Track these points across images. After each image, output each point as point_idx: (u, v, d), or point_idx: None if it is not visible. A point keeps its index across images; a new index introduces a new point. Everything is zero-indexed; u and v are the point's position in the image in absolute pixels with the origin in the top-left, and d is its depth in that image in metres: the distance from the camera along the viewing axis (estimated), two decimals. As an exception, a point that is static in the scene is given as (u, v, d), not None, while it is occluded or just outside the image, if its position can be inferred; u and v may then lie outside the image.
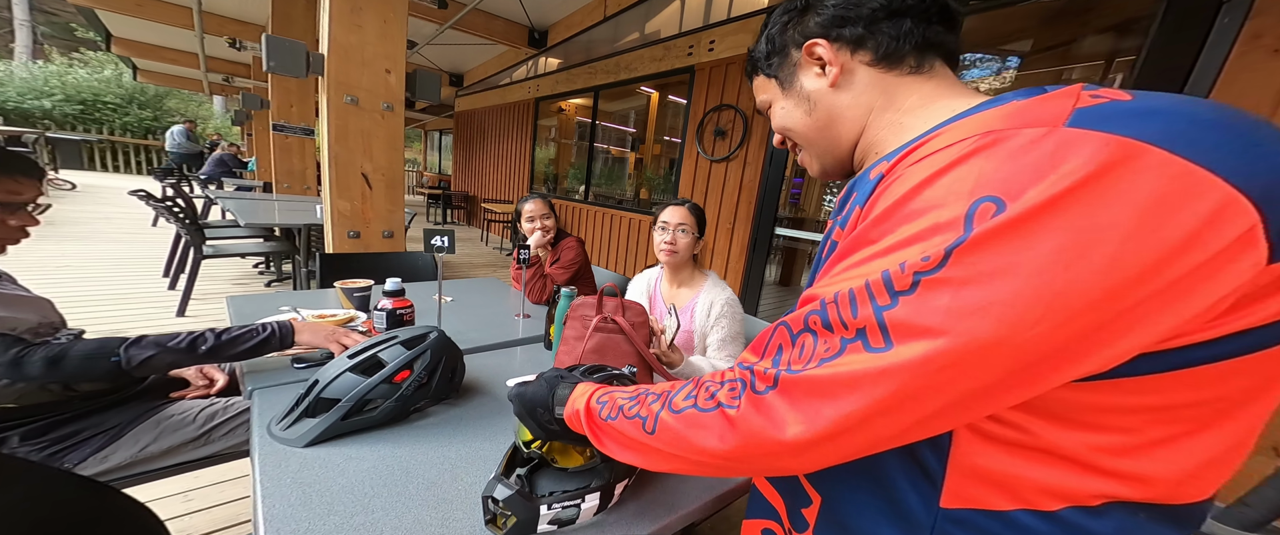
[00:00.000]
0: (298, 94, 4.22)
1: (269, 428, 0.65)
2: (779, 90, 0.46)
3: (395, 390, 0.67)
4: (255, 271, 3.59)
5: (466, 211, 7.55)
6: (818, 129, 0.44)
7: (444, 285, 1.59)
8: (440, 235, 0.99)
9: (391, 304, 0.90)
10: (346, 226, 1.99)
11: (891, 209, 0.28)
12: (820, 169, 0.48)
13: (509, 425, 0.73)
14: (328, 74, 1.76)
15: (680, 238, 1.09)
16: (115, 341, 0.68)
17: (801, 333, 0.30)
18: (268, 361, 0.86)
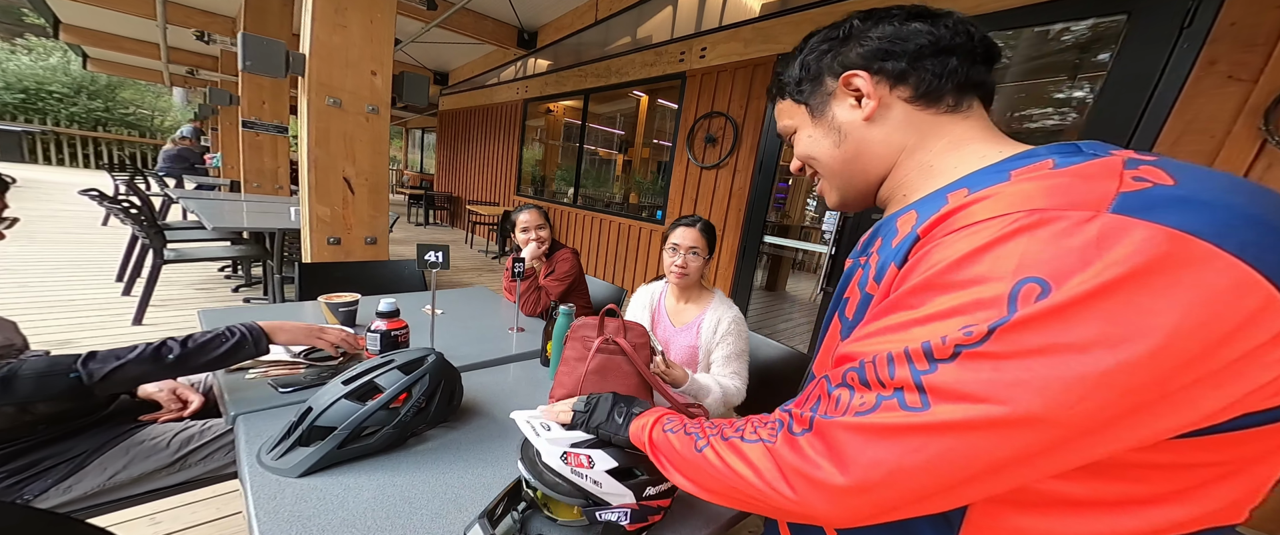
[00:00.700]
0: (271, 90, 4.04)
1: (259, 457, 0.62)
2: (808, 117, 0.45)
3: (393, 416, 0.64)
4: (221, 276, 3.40)
5: (450, 212, 7.38)
6: (844, 161, 0.43)
7: (426, 296, 1.54)
8: (434, 250, 0.96)
9: (386, 325, 0.86)
10: (326, 232, 1.91)
11: (933, 279, 0.28)
12: (839, 201, 0.47)
13: (508, 449, 0.71)
14: (309, 75, 1.69)
15: (691, 261, 1.07)
16: (70, 357, 0.62)
17: (839, 387, 0.31)
18: (250, 385, 0.81)
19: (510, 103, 5.49)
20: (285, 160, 4.36)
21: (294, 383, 0.81)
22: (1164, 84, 1.45)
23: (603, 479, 0.49)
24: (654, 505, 0.53)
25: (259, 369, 0.86)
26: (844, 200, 0.47)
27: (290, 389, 0.80)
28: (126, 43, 6.34)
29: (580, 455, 0.50)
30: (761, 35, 2.68)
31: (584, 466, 0.49)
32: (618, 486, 0.49)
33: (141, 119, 12.37)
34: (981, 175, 0.34)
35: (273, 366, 0.88)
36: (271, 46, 1.61)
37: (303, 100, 1.77)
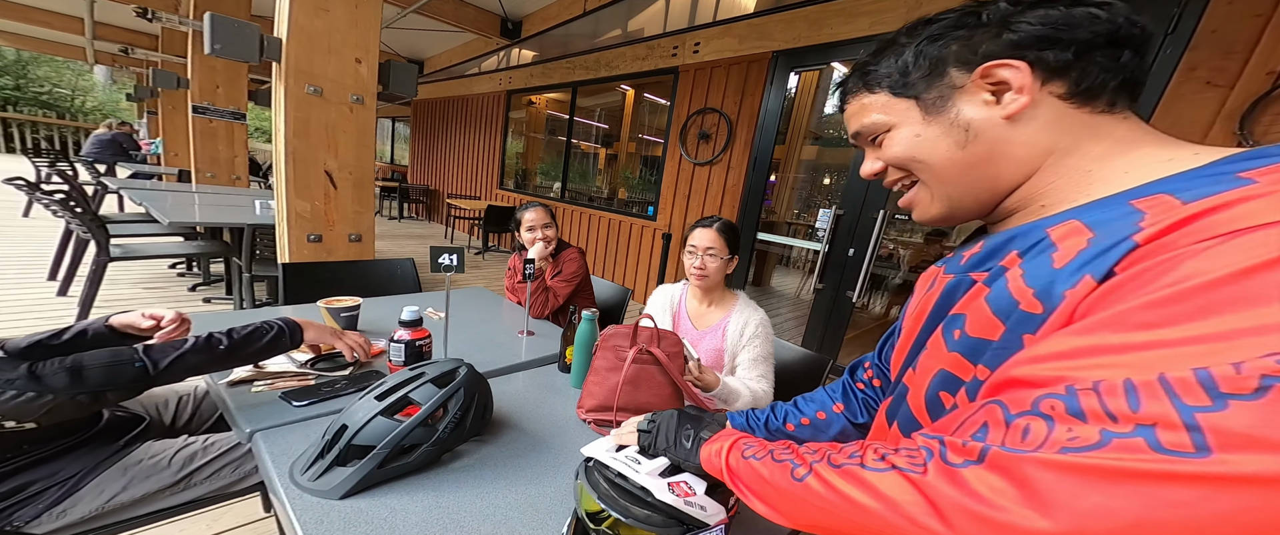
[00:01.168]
0: (225, 74, 3.74)
1: (293, 477, 0.59)
2: (917, 114, 0.39)
3: (431, 433, 0.61)
4: (171, 274, 3.11)
5: (427, 206, 7.10)
6: (967, 166, 0.38)
7: (431, 297, 1.47)
8: (449, 253, 0.90)
9: (410, 335, 0.81)
10: (306, 229, 1.78)
11: (1193, 293, 0.23)
12: (945, 211, 0.41)
13: (548, 464, 0.69)
14: (286, 61, 1.56)
15: (709, 262, 1.06)
16: (128, 349, 0.63)
17: (1025, 415, 0.26)
18: (257, 398, 0.76)
19: (492, 94, 5.30)
20: (243, 149, 4.05)
21: (308, 396, 0.76)
22: (1146, 88, 1.54)
23: (707, 503, 0.47)
24: (733, 512, 0.52)
25: (264, 380, 0.80)
26: (952, 211, 0.41)
27: (304, 402, 0.75)
28: (40, 15, 5.67)
29: (681, 483, 0.48)
30: (756, 31, 2.67)
31: (690, 494, 0.47)
32: (716, 505, 0.48)
33: (59, 99, 11.13)
34: (1189, 180, 0.29)
35: (278, 379, 0.82)
36: (244, 30, 1.47)
37: (278, 88, 1.64)
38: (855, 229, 2.33)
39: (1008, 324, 0.33)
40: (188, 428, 0.90)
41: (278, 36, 1.57)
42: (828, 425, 0.64)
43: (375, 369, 0.91)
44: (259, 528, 1.15)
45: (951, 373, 0.37)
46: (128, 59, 7.13)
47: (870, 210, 2.26)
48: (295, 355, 0.89)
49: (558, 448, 0.74)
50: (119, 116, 9.32)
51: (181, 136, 5.19)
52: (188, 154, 4.12)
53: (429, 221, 6.98)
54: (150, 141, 6.97)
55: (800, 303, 3.72)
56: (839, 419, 0.63)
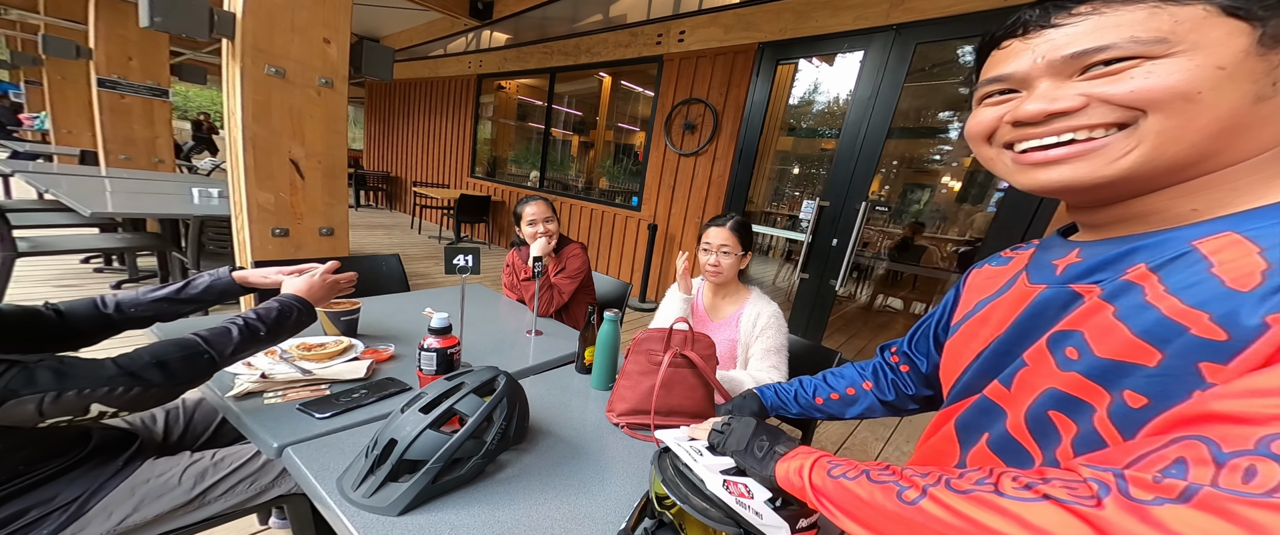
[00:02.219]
0: (140, 44, 3.28)
1: (345, 493, 0.57)
2: (1241, 45, 0.28)
3: (480, 445, 0.60)
4: (86, 269, 2.72)
5: (387, 194, 6.66)
6: (1235, 127, 0.29)
7: (426, 296, 1.39)
8: (464, 255, 0.86)
9: (440, 344, 0.77)
10: (270, 223, 1.63)
11: None
12: (1128, 174, 0.32)
13: (590, 473, 0.68)
14: (241, 38, 1.39)
15: (724, 260, 1.09)
16: (191, 340, 0.63)
17: (1246, 455, 0.23)
18: (271, 410, 0.72)
19: (461, 77, 5.00)
20: (166, 130, 3.61)
21: (327, 407, 0.73)
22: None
23: (764, 511, 0.47)
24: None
25: (275, 391, 0.75)
26: (1136, 176, 0.32)
27: (326, 414, 0.72)
28: None
29: (738, 484, 0.48)
30: (742, 22, 2.67)
31: (745, 496, 0.47)
32: (776, 518, 0.47)
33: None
34: None
35: (290, 388, 0.77)
36: (191, 1, 1.29)
37: (231, 67, 1.46)
38: (838, 220, 2.43)
39: (1169, 350, 0.29)
40: (182, 442, 0.83)
41: (230, 11, 1.39)
42: (856, 400, 0.66)
43: (389, 376, 0.86)
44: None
45: (1070, 394, 0.34)
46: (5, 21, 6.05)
47: (853, 202, 2.36)
48: (303, 364, 0.82)
49: (597, 454, 0.73)
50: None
51: (77, 112, 4.52)
52: (91, 132, 3.61)
53: (392, 210, 6.57)
54: (35, 116, 6.00)
55: (778, 291, 3.86)
56: (867, 396, 0.66)
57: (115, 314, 0.74)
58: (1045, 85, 0.34)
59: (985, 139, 0.39)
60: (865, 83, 2.28)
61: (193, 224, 2.14)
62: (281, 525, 1.11)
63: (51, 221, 2.47)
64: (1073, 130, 0.33)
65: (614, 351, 0.93)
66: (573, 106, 4.86)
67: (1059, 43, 0.33)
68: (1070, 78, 0.33)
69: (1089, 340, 0.33)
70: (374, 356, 0.90)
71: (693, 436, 0.55)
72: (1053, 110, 0.33)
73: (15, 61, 5.29)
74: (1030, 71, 0.35)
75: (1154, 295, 0.31)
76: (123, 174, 3.06)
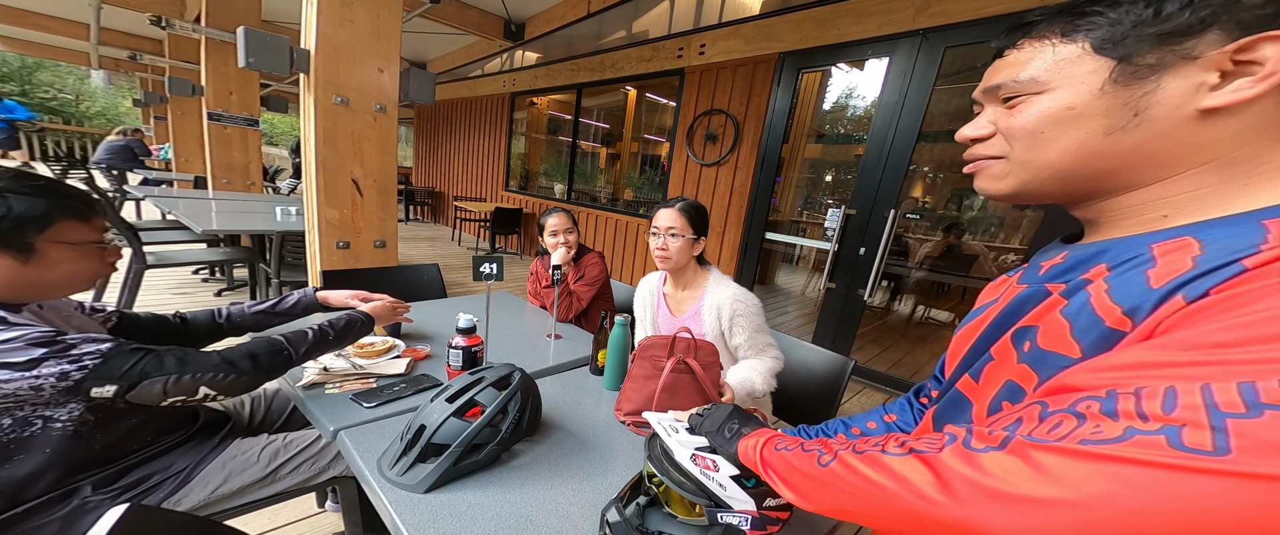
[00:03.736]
0: (239, 81, 3.77)
1: (383, 472, 0.65)
2: (1096, 83, 0.32)
3: (495, 433, 0.68)
4: (196, 279, 3.19)
5: (432, 208, 7.14)
6: (1093, 155, 0.33)
7: (459, 302, 1.51)
8: (490, 262, 0.95)
9: (465, 342, 0.88)
10: (335, 236, 1.83)
11: (1268, 320, 0.23)
12: (1014, 191, 0.37)
13: (596, 463, 0.74)
14: (314, 72, 1.60)
15: (671, 242, 1.04)
16: (275, 340, 0.75)
17: (1059, 412, 0.26)
18: (329, 398, 0.84)
19: (496, 96, 5.32)
20: (257, 155, 4.10)
21: (374, 397, 0.84)
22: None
23: (727, 484, 0.51)
24: (773, 516, 0.56)
25: (334, 383, 0.87)
26: (1022, 193, 0.36)
27: (374, 403, 0.82)
28: (44, 20, 5.69)
29: (706, 458, 0.53)
30: (763, 32, 2.70)
31: (710, 469, 0.52)
32: (740, 493, 0.52)
33: (63, 104, 11.15)
34: None
35: (345, 380, 0.89)
36: (276, 42, 1.51)
37: (306, 98, 1.67)
38: (866, 228, 2.37)
39: (1086, 342, 0.32)
40: (263, 426, 0.98)
41: (305, 48, 1.60)
42: (876, 432, 0.63)
43: (423, 372, 0.97)
44: (312, 524, 1.20)
45: (1017, 384, 0.36)
46: (133, 65, 7.13)
47: (881, 210, 2.30)
48: (356, 359, 0.95)
49: (603, 447, 0.79)
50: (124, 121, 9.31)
51: (193, 142, 5.25)
52: (201, 160, 4.17)
53: (435, 224, 7.02)
54: (159, 147, 7.00)
55: (806, 300, 3.77)
56: (888, 426, 0.63)
57: (226, 324, 0.91)
58: (988, 110, 0.39)
59: None
60: (892, 88, 2.23)
61: (275, 238, 2.43)
62: (335, 509, 1.24)
63: (171, 238, 2.90)
64: (980, 157, 0.39)
65: (624, 354, 0.98)
66: (600, 119, 5.04)
67: (990, 74, 0.38)
68: (999, 105, 0.38)
69: (1039, 333, 0.35)
70: (413, 355, 1.01)
71: (677, 419, 0.60)
72: (972, 135, 0.39)
73: (147, 100, 6.23)
74: (982, 97, 0.40)
75: (1096, 293, 0.33)
76: (224, 196, 3.54)
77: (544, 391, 0.95)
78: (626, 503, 0.59)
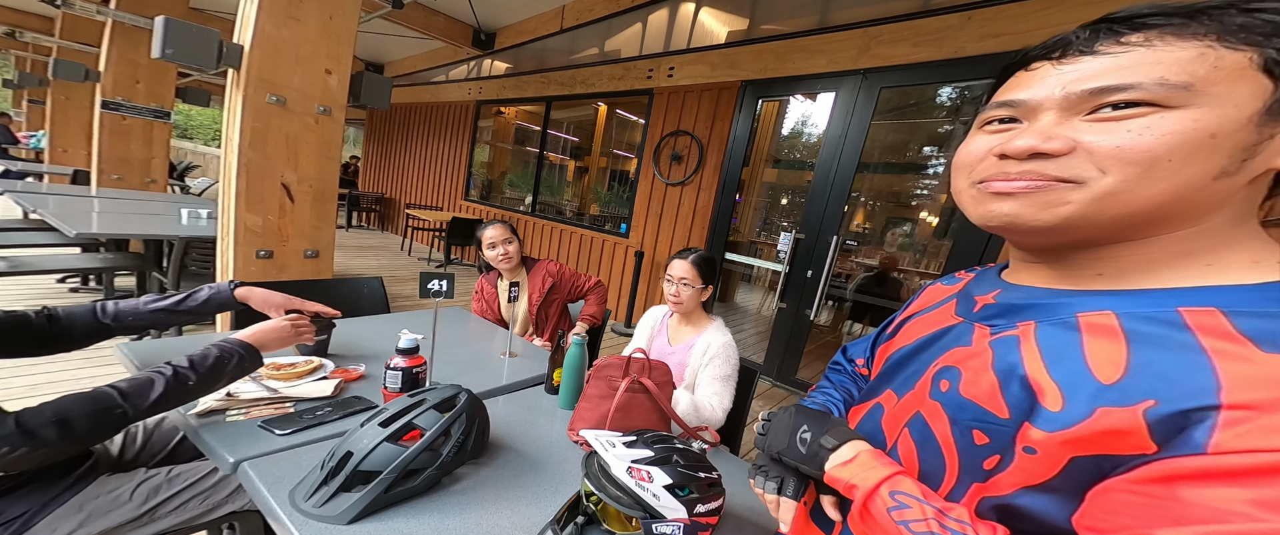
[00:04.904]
0: (150, 69, 3.39)
1: (296, 504, 0.59)
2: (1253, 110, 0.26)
3: (436, 457, 0.64)
4: (63, 288, 2.69)
5: (380, 215, 6.71)
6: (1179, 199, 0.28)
7: (404, 318, 1.42)
8: (439, 279, 0.91)
9: (407, 363, 0.81)
10: (256, 245, 1.66)
11: None
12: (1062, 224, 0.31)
13: (546, 485, 0.72)
14: (247, 69, 1.48)
15: (683, 291, 1.17)
16: (106, 393, 0.60)
17: None
18: (232, 426, 0.73)
19: (461, 103, 5.19)
20: (164, 150, 3.67)
21: (290, 424, 0.74)
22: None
23: (661, 494, 0.53)
24: (703, 522, 0.58)
25: (238, 409, 0.77)
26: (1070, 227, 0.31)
27: (289, 430, 0.73)
28: None
29: (642, 470, 0.54)
30: (727, 61, 2.86)
31: (645, 480, 0.53)
32: (673, 501, 0.54)
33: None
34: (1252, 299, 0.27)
35: (253, 406, 0.78)
36: (202, 35, 1.38)
37: (234, 95, 1.54)
38: (813, 252, 2.52)
39: (1016, 409, 0.31)
40: (138, 459, 0.83)
41: (239, 43, 1.48)
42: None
43: (356, 395, 0.88)
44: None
45: (926, 419, 0.37)
46: (9, 41, 6.17)
47: (826, 236, 2.46)
48: (270, 383, 0.85)
49: (553, 468, 0.76)
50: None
51: (76, 132, 4.61)
52: (87, 152, 3.66)
53: (383, 231, 6.60)
54: (30, 135, 6.07)
55: (762, 319, 3.91)
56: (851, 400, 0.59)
57: (112, 323, 0.76)
58: (1048, 118, 0.31)
59: (968, 169, 0.36)
60: (837, 122, 2.43)
61: (177, 244, 2.13)
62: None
63: (34, 241, 2.47)
64: (1041, 178, 0.31)
65: (580, 373, 0.96)
66: (571, 132, 5.04)
67: (1087, 73, 0.30)
68: (1076, 115, 0.30)
69: (963, 380, 0.35)
70: (343, 376, 0.92)
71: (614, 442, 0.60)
72: (1041, 149, 0.30)
73: (21, 82, 5.40)
74: (1044, 101, 0.31)
75: (1027, 354, 0.32)
76: (113, 194, 3.09)
77: (496, 411, 0.92)
78: (564, 523, 0.59)
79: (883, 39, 2.22)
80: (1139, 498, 0.26)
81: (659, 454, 0.58)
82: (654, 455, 0.57)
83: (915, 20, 2.11)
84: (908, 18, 2.13)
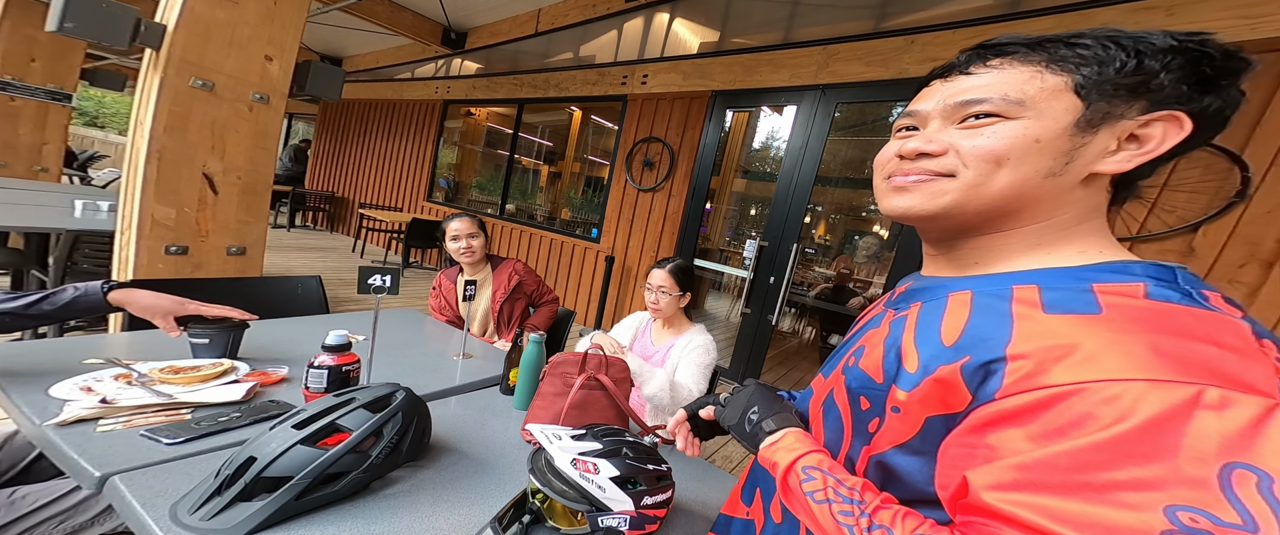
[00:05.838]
0: (52, 47, 3.05)
1: (177, 517, 0.51)
2: (1068, 122, 0.32)
3: (363, 459, 0.57)
4: None
5: (329, 215, 6.24)
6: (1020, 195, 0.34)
7: (345, 319, 1.31)
8: (382, 275, 0.84)
9: (335, 361, 0.73)
10: (166, 239, 1.49)
11: (1113, 443, 0.25)
12: (944, 211, 0.36)
13: (493, 484, 0.67)
14: (168, 49, 1.35)
15: (662, 298, 1.21)
16: None
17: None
18: (104, 439, 0.62)
19: (427, 101, 5.01)
20: (60, 137, 3.26)
21: (182, 432, 0.64)
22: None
23: (606, 485, 0.52)
24: (651, 514, 0.56)
25: (115, 418, 0.65)
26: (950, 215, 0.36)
27: (180, 439, 0.63)
28: None
29: (587, 462, 0.53)
30: (698, 70, 2.93)
31: (590, 472, 0.52)
32: (619, 493, 0.53)
33: None
34: (1061, 278, 0.32)
35: (138, 414, 0.67)
36: (115, 11, 1.24)
37: (151, 77, 1.39)
38: (775, 259, 2.59)
39: (887, 372, 0.36)
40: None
41: (161, 22, 1.35)
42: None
43: (275, 398, 0.79)
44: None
45: (832, 391, 0.42)
46: None
47: (787, 243, 2.54)
48: (164, 387, 0.73)
49: (502, 469, 0.72)
50: None
51: None
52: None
53: (333, 232, 6.18)
54: None
55: (730, 325, 3.97)
56: None
57: None
58: (934, 126, 0.38)
59: (881, 167, 0.42)
60: (798, 134, 2.54)
61: (65, 238, 1.84)
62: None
63: None
64: (926, 172, 0.37)
65: (536, 372, 0.92)
66: (544, 137, 4.97)
67: (959, 90, 0.37)
68: (952, 123, 0.37)
69: (864, 352, 0.40)
70: (260, 379, 0.82)
71: (561, 435, 0.58)
72: (924, 150, 0.37)
73: None
74: (931, 112, 0.38)
75: (907, 328, 0.37)
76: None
77: (447, 413, 0.87)
78: (508, 522, 0.55)
79: (840, 56, 2.35)
80: (962, 448, 0.31)
81: (608, 447, 0.55)
82: (602, 448, 0.55)
83: (868, 41, 2.26)
84: (861, 38, 2.28)
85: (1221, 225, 1.57)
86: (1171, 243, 1.65)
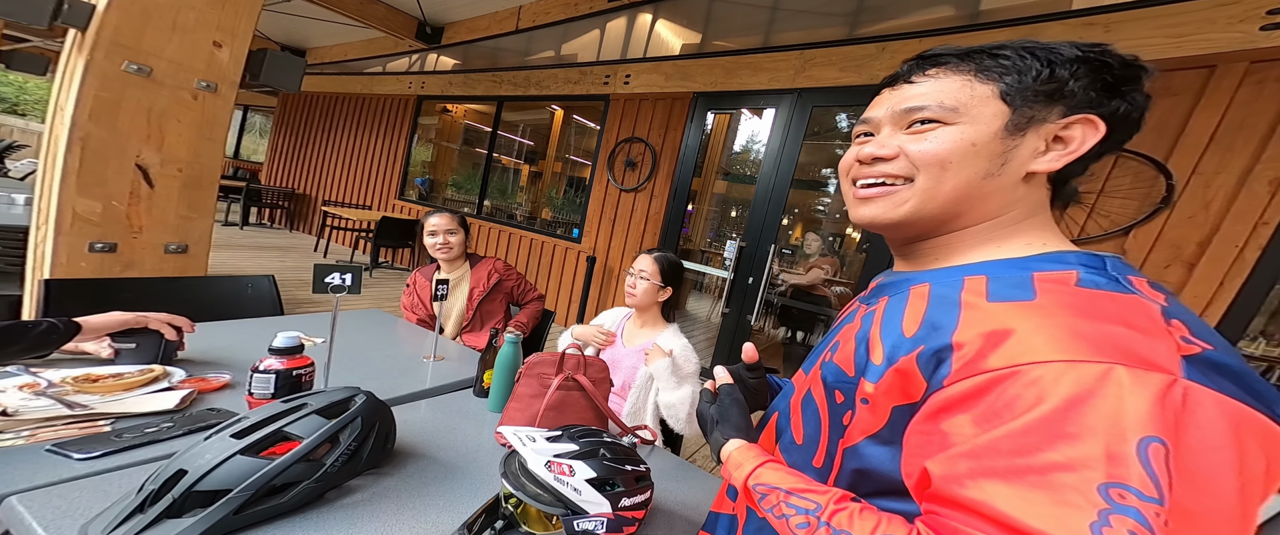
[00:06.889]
0: None
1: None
2: (997, 126, 0.35)
3: (316, 468, 0.52)
4: None
5: (288, 212, 5.89)
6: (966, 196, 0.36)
7: (300, 321, 1.22)
8: (341, 273, 0.77)
9: (283, 365, 0.66)
10: (91, 235, 1.35)
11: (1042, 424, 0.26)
12: (906, 219, 0.39)
13: (464, 489, 0.63)
14: (97, 30, 1.23)
15: (639, 283, 1.14)
16: None
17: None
18: (11, 455, 0.54)
19: (399, 97, 4.82)
20: None
21: (97, 446, 0.56)
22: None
23: (582, 488, 0.50)
24: (629, 516, 0.54)
25: (17, 431, 0.57)
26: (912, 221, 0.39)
27: (94, 453, 0.56)
28: None
29: (562, 464, 0.51)
30: (680, 72, 2.93)
31: (566, 474, 0.50)
32: (596, 495, 0.51)
33: None
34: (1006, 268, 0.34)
35: (45, 427, 0.58)
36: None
37: (76, 59, 1.27)
38: (754, 259, 2.62)
39: (857, 365, 0.37)
40: None
41: (89, 2, 1.23)
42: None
43: (214, 406, 0.71)
44: None
45: (811, 390, 0.43)
46: None
47: (765, 244, 2.58)
48: (80, 397, 0.65)
49: (474, 474, 0.67)
50: None
51: None
52: None
53: (293, 231, 5.84)
54: None
55: (711, 325, 3.99)
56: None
57: None
58: (885, 132, 0.41)
59: (846, 172, 0.44)
60: (776, 137, 2.58)
61: None
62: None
63: None
64: (886, 176, 0.40)
65: (512, 374, 0.87)
66: (526, 136, 4.87)
67: (904, 97, 0.39)
68: (901, 128, 0.39)
69: (839, 348, 0.41)
70: (198, 386, 0.74)
71: (535, 437, 0.56)
72: (878, 154, 0.40)
73: None
74: (882, 119, 0.41)
75: (875, 322, 0.39)
76: None
77: (415, 417, 0.81)
78: (480, 528, 0.52)
79: (815, 61, 2.41)
80: (921, 436, 0.32)
81: (584, 448, 0.53)
82: (579, 449, 0.52)
83: (842, 47, 2.32)
84: (836, 44, 2.34)
85: (1149, 229, 1.68)
86: (1106, 245, 1.76)
